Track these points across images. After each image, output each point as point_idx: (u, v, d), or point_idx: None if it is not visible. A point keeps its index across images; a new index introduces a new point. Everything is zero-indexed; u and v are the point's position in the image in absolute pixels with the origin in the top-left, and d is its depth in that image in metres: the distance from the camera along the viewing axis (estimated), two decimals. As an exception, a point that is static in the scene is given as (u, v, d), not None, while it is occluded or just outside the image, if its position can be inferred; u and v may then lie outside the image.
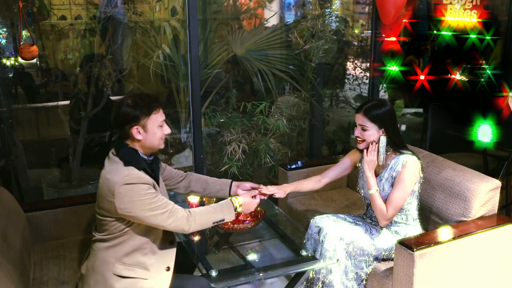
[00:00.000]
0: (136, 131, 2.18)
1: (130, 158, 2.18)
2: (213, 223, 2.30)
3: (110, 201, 2.11)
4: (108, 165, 2.21)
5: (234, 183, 2.66)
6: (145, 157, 2.25)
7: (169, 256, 2.30)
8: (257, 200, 2.52)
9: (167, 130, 2.27)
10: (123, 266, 2.19)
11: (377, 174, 2.73)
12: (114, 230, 2.18)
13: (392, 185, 2.65)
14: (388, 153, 2.68)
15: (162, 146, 2.29)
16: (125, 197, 2.09)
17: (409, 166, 2.61)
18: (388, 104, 2.69)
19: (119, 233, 2.18)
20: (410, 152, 2.67)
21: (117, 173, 2.13)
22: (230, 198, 2.43)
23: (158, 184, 2.30)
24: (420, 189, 2.72)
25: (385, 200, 2.65)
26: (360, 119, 2.66)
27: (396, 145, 2.68)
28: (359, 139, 2.69)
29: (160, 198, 2.17)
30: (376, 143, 2.68)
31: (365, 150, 2.71)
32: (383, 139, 2.64)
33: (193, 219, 2.22)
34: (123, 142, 2.23)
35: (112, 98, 4.02)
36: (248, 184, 2.66)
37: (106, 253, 2.20)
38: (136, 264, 2.21)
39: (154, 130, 2.21)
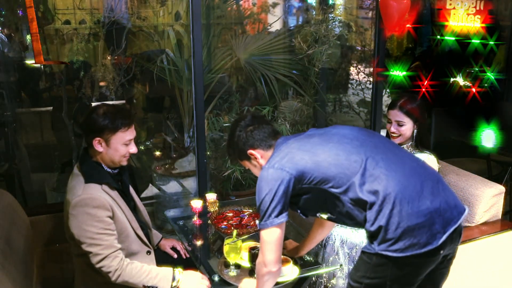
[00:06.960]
0: (97, 143, 2.09)
1: (92, 172, 2.11)
2: (144, 286, 2.12)
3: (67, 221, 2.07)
4: (69, 183, 2.14)
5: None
6: (109, 170, 2.18)
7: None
8: (207, 283, 2.21)
9: (133, 149, 2.16)
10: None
11: None
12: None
13: None
14: (410, 149, 2.65)
15: (124, 163, 2.20)
16: (74, 220, 2.03)
17: (431, 165, 2.59)
18: (418, 97, 2.66)
19: None
20: (429, 152, 2.63)
21: (73, 192, 2.07)
22: (174, 268, 2.22)
23: (127, 192, 2.24)
24: None
25: None
26: (396, 115, 2.62)
27: (422, 142, 2.64)
28: (395, 134, 2.64)
29: (105, 238, 2.05)
30: None
31: None
32: (415, 134, 2.62)
33: (121, 273, 2.09)
34: (87, 155, 2.17)
35: (116, 102, 4.03)
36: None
37: (87, 268, 2.15)
38: None
39: (116, 147, 2.11)
